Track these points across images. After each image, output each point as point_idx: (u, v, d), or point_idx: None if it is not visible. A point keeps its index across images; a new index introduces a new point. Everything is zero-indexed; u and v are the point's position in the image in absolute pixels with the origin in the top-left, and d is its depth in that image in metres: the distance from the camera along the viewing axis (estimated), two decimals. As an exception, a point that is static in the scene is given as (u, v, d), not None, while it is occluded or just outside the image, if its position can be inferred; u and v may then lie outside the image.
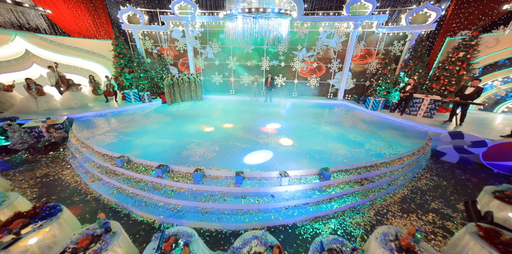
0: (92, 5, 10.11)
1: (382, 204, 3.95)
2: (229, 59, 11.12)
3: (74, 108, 8.15)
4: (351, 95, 10.81)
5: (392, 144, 5.58)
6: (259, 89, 11.20)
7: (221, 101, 10.81)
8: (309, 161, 4.69)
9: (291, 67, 10.83)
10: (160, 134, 6.21)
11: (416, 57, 7.43)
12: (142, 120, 7.45)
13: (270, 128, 6.80)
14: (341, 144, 5.61)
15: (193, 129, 6.68)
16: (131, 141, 5.64)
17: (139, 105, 9.68)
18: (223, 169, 4.34)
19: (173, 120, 7.58)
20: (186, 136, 6.06)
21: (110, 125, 6.80)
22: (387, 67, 8.09)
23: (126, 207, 3.79)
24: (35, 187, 4.13)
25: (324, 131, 6.62)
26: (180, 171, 4.46)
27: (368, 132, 6.55)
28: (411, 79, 7.16)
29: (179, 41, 10.96)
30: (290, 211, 3.74)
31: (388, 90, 8.33)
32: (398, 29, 8.37)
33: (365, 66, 9.89)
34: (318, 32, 9.69)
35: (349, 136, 6.19)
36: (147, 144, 5.45)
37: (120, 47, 10.06)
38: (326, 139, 5.95)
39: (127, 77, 10.56)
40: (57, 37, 9.36)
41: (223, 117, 7.97)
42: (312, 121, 7.62)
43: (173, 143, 5.57)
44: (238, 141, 5.75)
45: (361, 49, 9.55)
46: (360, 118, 8.04)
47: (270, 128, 6.85)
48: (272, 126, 6.99)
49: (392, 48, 8.88)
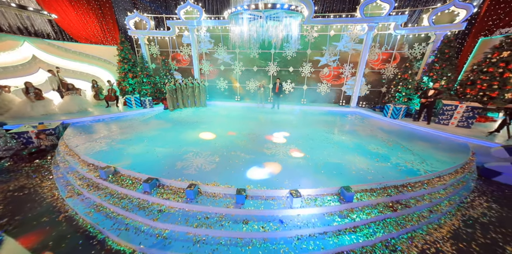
0: (101, 12, 10.25)
1: (426, 239, 3.06)
2: (234, 64, 10.80)
3: (73, 113, 7.87)
4: (365, 102, 10.06)
5: (424, 158, 4.73)
6: (266, 96, 10.69)
7: (226, 108, 10.34)
8: (324, 176, 3.96)
9: (300, 72, 10.34)
10: (156, 141, 5.69)
11: (443, 60, 6.69)
12: (140, 127, 7.00)
13: (278, 137, 6.14)
14: (360, 157, 4.85)
15: (193, 136, 6.13)
16: (123, 149, 5.12)
17: (140, 110, 9.35)
18: (222, 185, 3.68)
19: (172, 127, 7.10)
20: (184, 144, 5.50)
21: (105, 132, 6.37)
22: (407, 71, 7.39)
23: (102, 231, 3.15)
24: (1, 204, 3.58)
25: (338, 141, 5.88)
26: (172, 186, 3.83)
27: (391, 142, 5.75)
28: (437, 83, 6.38)
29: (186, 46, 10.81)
30: (304, 243, 2.97)
31: (409, 97, 7.56)
32: (420, 30, 7.71)
33: (381, 71, 9.23)
34: (330, 35, 9.23)
35: (369, 147, 5.41)
36: (140, 153, 4.91)
37: (125, 52, 10.00)
38: (342, 150, 5.20)
39: (130, 82, 10.40)
40: (64, 43, 9.41)
41: (226, 124, 7.42)
42: (324, 130, 6.91)
43: (169, 151, 5.02)
44: (241, 150, 5.11)
45: (377, 52, 8.96)
46: (378, 127, 7.25)
47: (277, 136, 6.19)
48: (280, 135, 6.33)
49: (412, 51, 8.22)
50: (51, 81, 8.27)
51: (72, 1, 8.98)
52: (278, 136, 6.21)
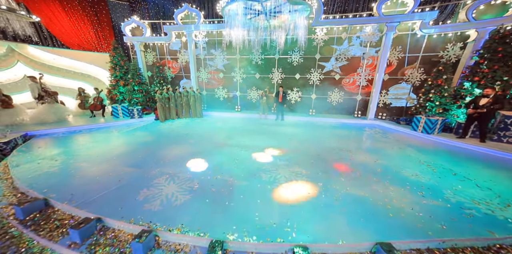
0: (96, 18, 10.06)
1: None
2: (235, 71, 10.05)
3: (48, 124, 7.11)
4: (385, 114, 8.79)
5: (503, 195, 3.28)
6: (269, 106, 9.69)
7: (223, 119, 9.36)
8: (344, 218, 2.69)
9: (308, 80, 9.37)
10: (127, 159, 4.66)
11: (493, 60, 5.40)
12: (116, 140, 6.06)
13: (278, 155, 4.94)
14: (394, 187, 3.53)
15: (175, 153, 5.06)
16: (79, 169, 4.10)
17: (127, 121, 8.53)
18: (190, 234, 2.49)
19: (155, 141, 6.09)
20: (160, 163, 4.44)
21: (71, 146, 5.44)
22: (441, 76, 6.20)
23: None
24: None
25: (360, 162, 4.61)
26: (119, 231, 2.67)
27: (435, 167, 4.37)
28: (490, 89, 5.07)
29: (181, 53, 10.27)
30: None
31: (445, 107, 6.26)
32: (455, 28, 6.56)
33: (404, 78, 8.08)
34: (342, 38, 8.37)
35: (403, 173, 4.09)
36: (97, 175, 3.86)
37: (118, 58, 9.53)
38: (366, 176, 3.92)
39: (121, 91, 9.78)
40: (54, 49, 9.07)
41: (219, 138, 6.34)
42: (338, 146, 5.67)
43: (137, 174, 3.95)
44: (229, 174, 3.96)
45: (398, 56, 7.90)
46: (408, 144, 5.90)
47: (277, 154, 5.00)
48: (281, 152, 5.14)
49: (445, 53, 7.04)
50: (32, 89, 7.68)
51: (65, 6, 8.78)
52: (278, 153, 5.01)
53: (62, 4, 8.67)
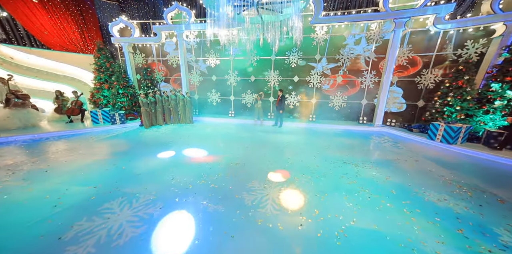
0: (82, 18, 9.61)
1: None
2: (228, 73, 9.39)
3: (11, 130, 6.41)
4: (394, 120, 7.93)
5: None
6: (265, 111, 8.92)
7: (215, 125, 8.61)
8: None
9: (308, 83, 8.65)
10: (82, 174, 3.87)
11: None
12: (84, 150, 5.29)
13: (273, 171, 4.10)
14: (418, 218, 2.67)
15: (146, 166, 4.28)
16: (21, 188, 3.32)
17: (107, 127, 7.81)
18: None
19: (129, 150, 5.32)
20: (125, 178, 3.67)
21: (20, 158, 4.68)
22: (461, 77, 5.38)
23: None
24: None
25: (368, 179, 3.75)
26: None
27: (468, 188, 3.47)
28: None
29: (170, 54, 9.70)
30: None
31: (468, 112, 5.40)
32: (476, 22, 5.70)
33: (415, 80, 7.28)
34: (343, 37, 7.71)
35: (426, 196, 3.21)
36: (27, 198, 3.07)
37: (103, 60, 8.98)
38: (377, 200, 3.05)
39: (105, 94, 9.14)
40: (32, 49, 8.54)
41: (204, 147, 5.54)
42: (341, 158, 4.83)
43: (85, 195, 3.19)
44: (205, 194, 3.15)
45: (408, 56, 7.15)
46: (425, 156, 5.02)
47: (273, 170, 4.16)
48: (273, 167, 4.30)
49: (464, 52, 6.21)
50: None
51: (45, 4, 8.32)
52: (274, 169, 4.17)
53: (42, 2, 8.22)
